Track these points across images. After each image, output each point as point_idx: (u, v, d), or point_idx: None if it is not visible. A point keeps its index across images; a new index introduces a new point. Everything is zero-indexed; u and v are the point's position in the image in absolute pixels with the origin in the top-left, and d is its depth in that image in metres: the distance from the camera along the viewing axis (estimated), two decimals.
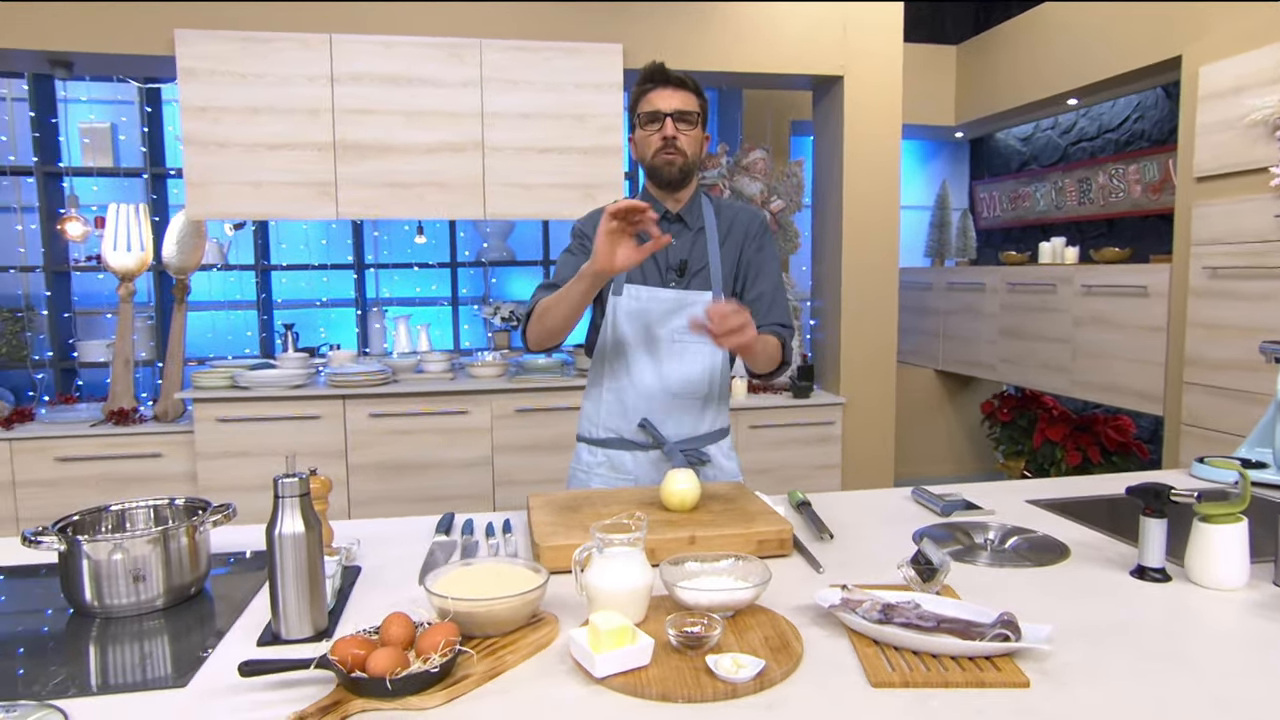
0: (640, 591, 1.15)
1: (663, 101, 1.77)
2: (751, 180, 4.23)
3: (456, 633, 1.03)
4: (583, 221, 1.91)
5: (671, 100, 1.77)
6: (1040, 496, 1.85)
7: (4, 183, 4.20)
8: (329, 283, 4.66)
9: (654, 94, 1.78)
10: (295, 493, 1.15)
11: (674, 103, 1.77)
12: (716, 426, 1.91)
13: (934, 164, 5.82)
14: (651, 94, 1.79)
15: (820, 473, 4.06)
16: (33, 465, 3.47)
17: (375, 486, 3.63)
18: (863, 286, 4.06)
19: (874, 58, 3.92)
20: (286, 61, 3.46)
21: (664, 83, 1.79)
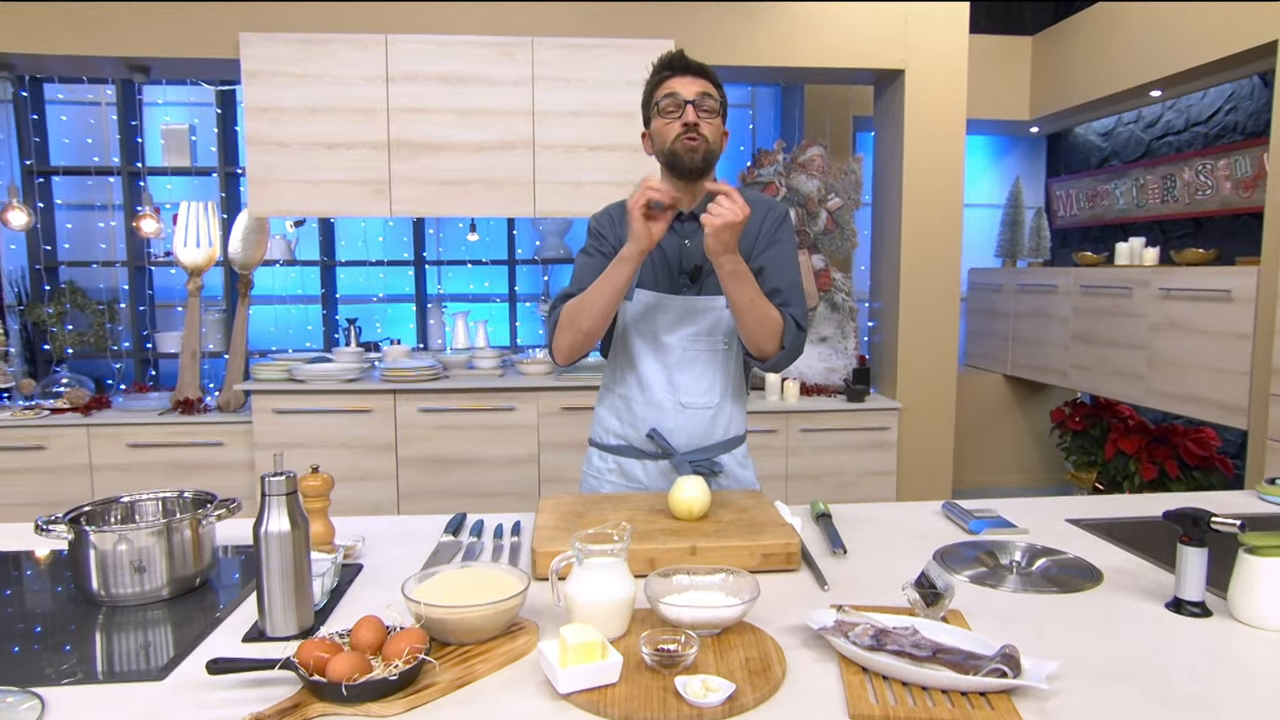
0: (620, 604, 1.11)
1: (683, 88, 1.70)
2: (808, 177, 4.13)
3: (424, 640, 1.01)
4: (598, 220, 1.86)
5: (692, 87, 1.70)
6: (1083, 516, 1.73)
7: (89, 182, 4.43)
8: (392, 279, 4.77)
9: (673, 81, 1.72)
10: (282, 491, 1.16)
11: (695, 89, 1.70)
12: (730, 435, 1.85)
13: (1008, 160, 5.57)
14: (670, 81, 1.72)
15: (873, 480, 3.93)
16: (107, 450, 3.65)
17: (423, 480, 3.69)
18: (923, 288, 3.91)
19: (937, 51, 3.76)
20: (344, 62, 3.55)
21: (683, 70, 1.72)
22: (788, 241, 1.84)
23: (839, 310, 4.18)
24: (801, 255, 4.16)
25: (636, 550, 1.37)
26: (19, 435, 3.62)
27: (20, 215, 3.83)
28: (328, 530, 1.41)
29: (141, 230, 3.86)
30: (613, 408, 1.88)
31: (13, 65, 3.82)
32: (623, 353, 1.83)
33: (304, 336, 4.73)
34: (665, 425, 1.80)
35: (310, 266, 4.60)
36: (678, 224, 1.81)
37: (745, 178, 4.21)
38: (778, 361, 1.77)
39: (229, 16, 3.55)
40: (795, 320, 1.76)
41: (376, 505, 3.67)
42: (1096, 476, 4.38)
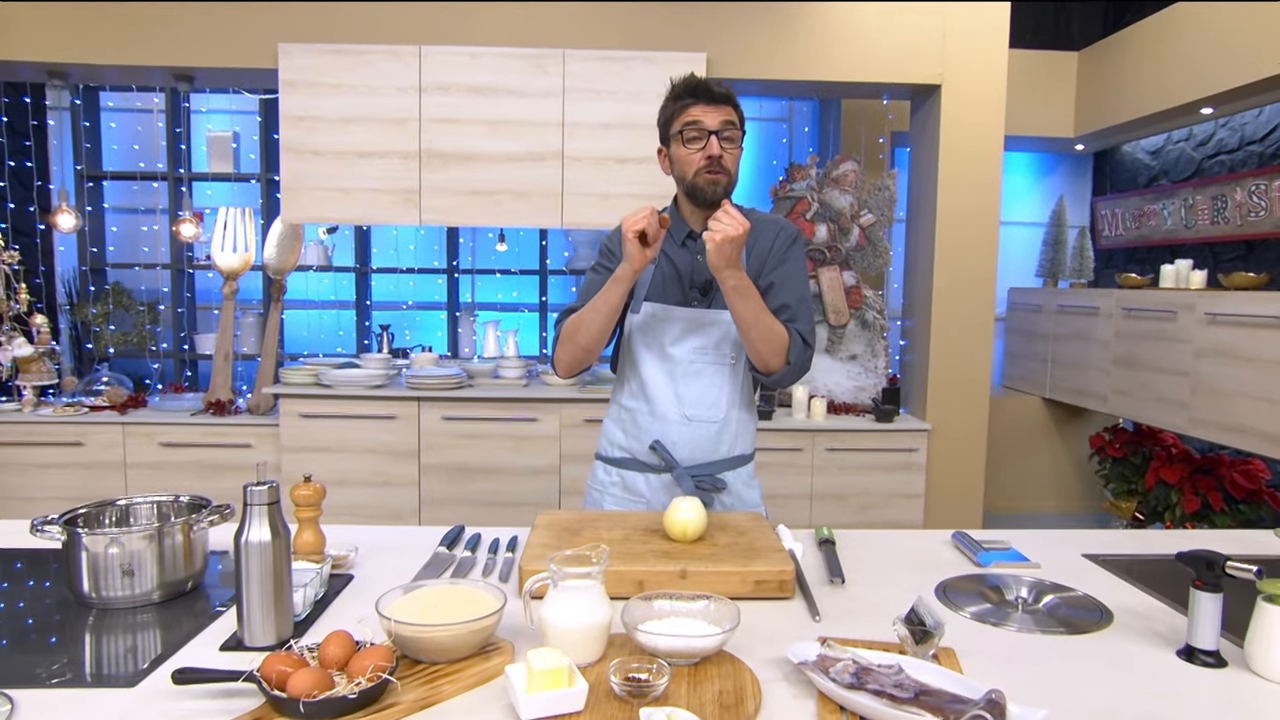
0: (594, 629, 1.08)
1: (707, 118, 1.67)
2: (841, 192, 4.07)
3: (389, 658, 1.00)
4: (610, 238, 1.86)
5: (715, 117, 1.67)
6: (1102, 551, 1.66)
7: (134, 187, 4.56)
8: (427, 287, 4.82)
9: (696, 109, 1.68)
10: (263, 501, 1.16)
11: (719, 118, 1.67)
12: (736, 453, 1.82)
13: (1052, 178, 5.44)
14: (693, 109, 1.69)
15: (901, 502, 3.84)
16: (141, 448, 3.74)
17: (445, 488, 3.70)
18: (956, 307, 3.82)
19: (975, 66, 3.69)
20: (379, 73, 3.60)
21: (707, 98, 1.69)
22: (797, 260, 1.82)
23: (870, 328, 4.10)
24: (832, 272, 4.10)
25: (625, 572, 1.35)
26: (59, 431, 3.73)
27: (69, 218, 3.96)
28: (318, 540, 1.41)
29: (181, 234, 3.95)
30: (618, 420, 1.86)
31: (68, 74, 3.95)
32: (629, 364, 1.82)
33: (339, 342, 4.79)
34: (670, 438, 1.77)
35: (345, 273, 4.67)
36: (691, 241, 1.79)
37: (777, 192, 4.17)
38: (783, 377, 1.75)
39: (269, 27, 3.63)
40: (802, 336, 1.74)
41: (398, 512, 3.69)
42: (1136, 506, 4.22)
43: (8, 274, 3.87)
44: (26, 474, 3.73)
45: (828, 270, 4.10)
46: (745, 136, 1.76)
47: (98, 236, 4.51)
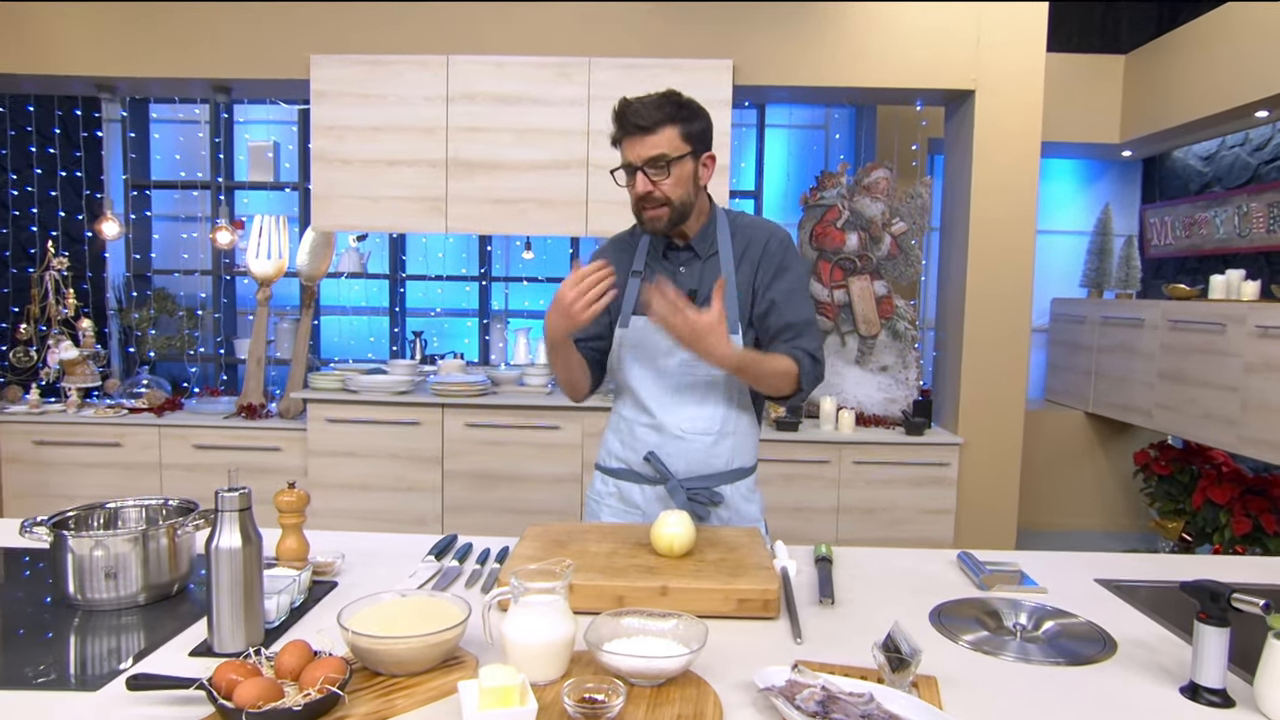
0: (555, 646, 1.06)
1: (631, 152, 1.61)
2: (873, 200, 3.99)
3: (342, 670, 0.99)
4: (600, 251, 1.84)
5: (639, 149, 1.59)
6: (1116, 576, 1.57)
7: (176, 195, 4.69)
8: (460, 294, 4.87)
9: (625, 143, 1.63)
10: (235, 507, 1.16)
11: (643, 151, 1.59)
12: (733, 466, 1.78)
13: (1098, 185, 5.26)
14: (623, 143, 1.63)
15: (930, 518, 3.74)
16: (176, 450, 3.83)
17: (468, 495, 3.72)
18: (990, 318, 3.71)
19: (1011, 70, 3.58)
20: (407, 83, 3.64)
21: (627, 130, 1.61)
22: (795, 268, 1.77)
23: (901, 339, 4.01)
24: (863, 281, 4.02)
25: (605, 586, 1.32)
26: (99, 432, 3.84)
27: (112, 226, 4.09)
28: (301, 546, 1.41)
29: (217, 242, 4.05)
30: (616, 430, 1.84)
31: (115, 88, 4.09)
32: (625, 376, 1.79)
33: (375, 349, 4.86)
34: (665, 450, 1.74)
35: (381, 279, 4.74)
36: (672, 253, 1.76)
37: (807, 200, 4.11)
38: (796, 399, 1.75)
39: (303, 39, 3.71)
40: (810, 355, 1.71)
41: (421, 518, 3.72)
42: (1183, 527, 4.04)
43: (57, 280, 4.01)
44: (68, 472, 3.85)
45: (858, 280, 4.02)
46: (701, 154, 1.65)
47: (144, 244, 4.65)
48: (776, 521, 3.71)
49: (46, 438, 3.86)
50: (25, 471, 3.87)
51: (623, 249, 1.83)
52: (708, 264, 1.74)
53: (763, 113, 4.73)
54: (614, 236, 1.88)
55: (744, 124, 4.84)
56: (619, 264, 1.80)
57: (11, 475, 3.89)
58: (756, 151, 4.78)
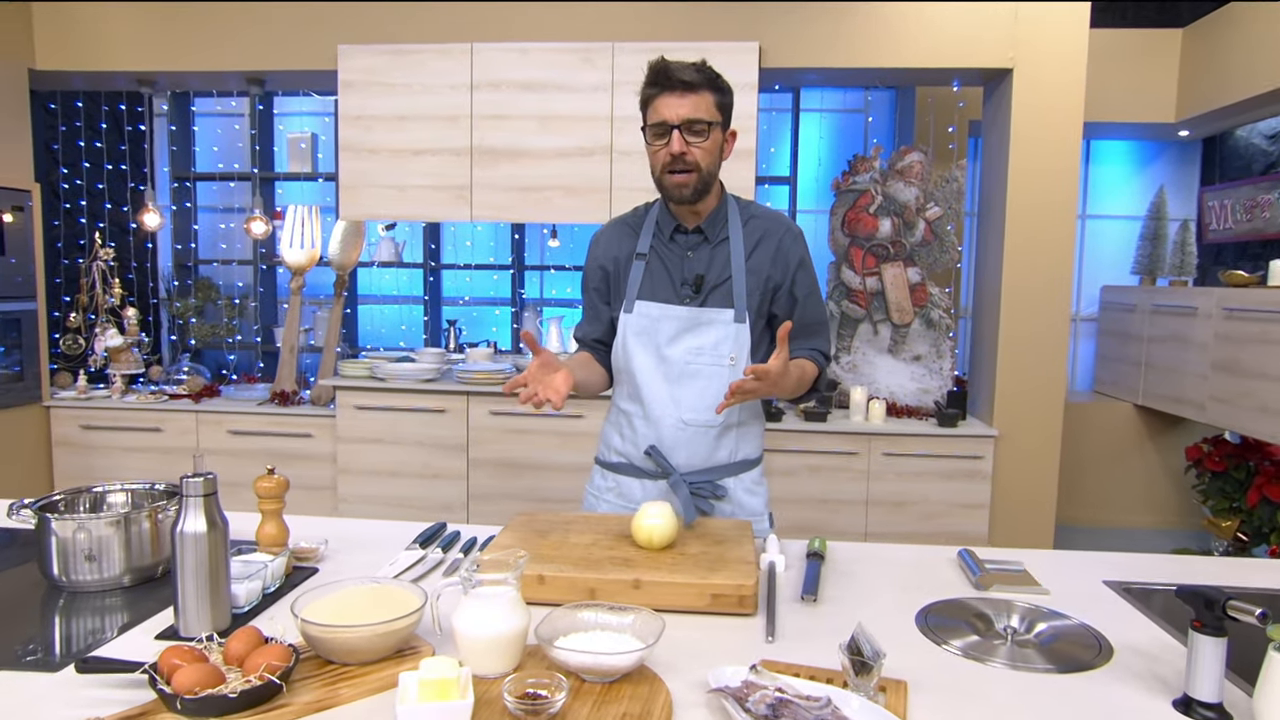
0: (505, 639, 1.03)
1: (669, 110, 1.54)
2: (906, 185, 3.87)
3: (286, 657, 0.98)
4: (594, 250, 1.80)
5: (679, 108, 1.54)
6: (1127, 578, 1.49)
7: (214, 186, 4.80)
8: (496, 282, 4.89)
9: (659, 101, 1.56)
10: (199, 492, 1.16)
11: (682, 110, 1.54)
12: (737, 458, 1.73)
13: (1153, 168, 5.02)
14: (657, 101, 1.57)
15: (964, 512, 3.63)
16: (213, 435, 3.93)
17: (492, 482, 3.73)
18: (1027, 306, 3.57)
19: (1050, 48, 3.43)
20: (432, 72, 3.65)
21: (671, 87, 1.55)
22: (809, 267, 1.75)
23: (935, 327, 3.89)
24: (896, 268, 3.91)
25: (577, 579, 1.29)
26: (141, 417, 3.96)
27: (154, 217, 4.20)
28: (281, 532, 1.42)
29: (251, 232, 4.13)
30: (616, 423, 1.81)
31: (156, 82, 4.19)
32: (625, 366, 1.76)
33: (409, 337, 4.92)
34: (665, 443, 1.70)
35: (416, 269, 4.79)
36: (680, 236, 1.72)
37: (839, 185, 4.01)
38: (808, 397, 1.75)
39: (331, 30, 3.74)
40: (825, 355, 1.75)
41: (447, 505, 3.75)
42: (1238, 526, 3.84)
43: (104, 270, 4.14)
44: (112, 456, 3.98)
45: (891, 266, 3.91)
46: (727, 129, 1.64)
47: (190, 234, 4.77)
48: (803, 514, 3.66)
49: (93, 422, 4.00)
50: (73, 454, 4.02)
51: (624, 233, 1.79)
52: (717, 249, 1.70)
53: (797, 97, 4.63)
54: (614, 219, 1.85)
55: (778, 108, 4.75)
56: (620, 248, 1.77)
57: (61, 458, 4.04)
58: (791, 136, 4.68)
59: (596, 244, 1.81)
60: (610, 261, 1.77)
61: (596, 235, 1.83)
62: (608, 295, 1.79)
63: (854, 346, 4.00)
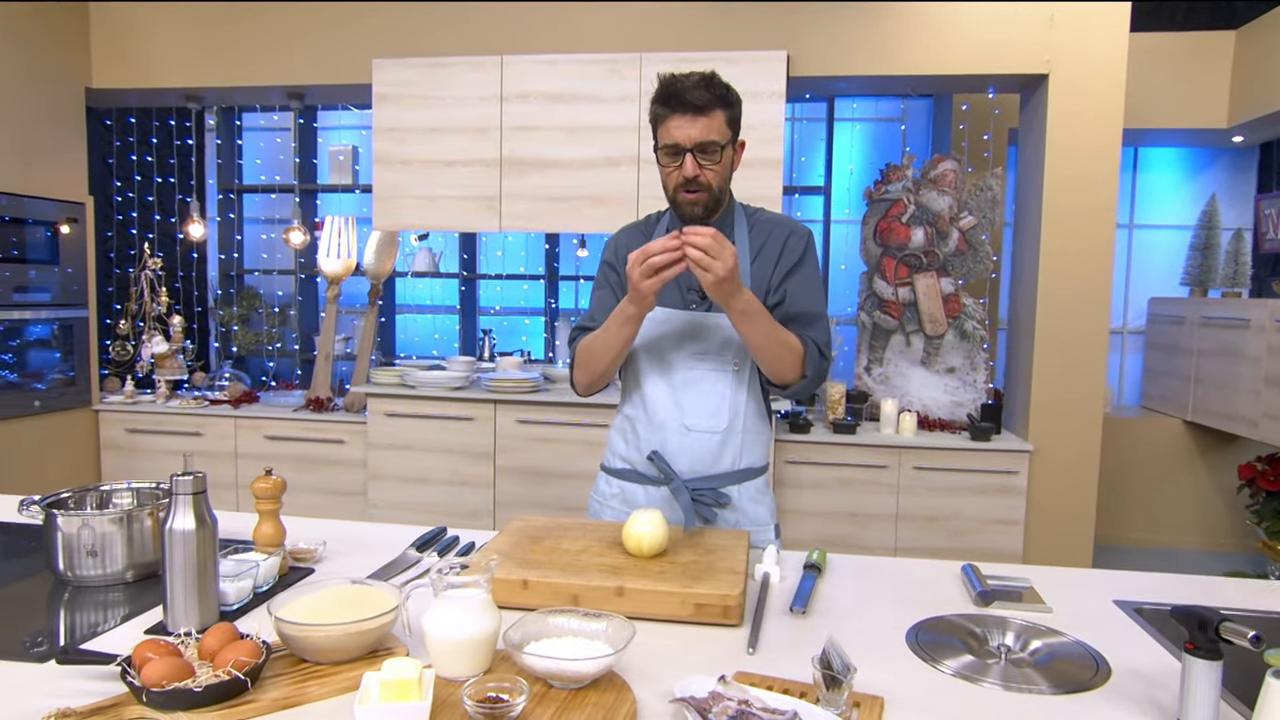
0: (474, 642, 1.03)
1: (681, 132, 1.54)
2: (939, 194, 3.80)
3: (256, 654, 0.99)
4: (609, 247, 1.81)
5: (691, 130, 1.53)
6: (1139, 598, 1.42)
7: (258, 199, 4.94)
8: (530, 292, 4.94)
9: (671, 122, 1.55)
10: (188, 490, 1.19)
11: (694, 133, 1.53)
12: (741, 465, 1.71)
13: (1206, 175, 4.85)
14: (669, 122, 1.56)
15: (997, 529, 3.53)
16: (250, 440, 4.03)
17: (519, 490, 3.75)
18: (1064, 317, 3.47)
19: (1088, 51, 3.34)
20: (463, 84, 3.71)
21: (679, 108, 1.54)
22: (811, 264, 1.71)
23: (969, 339, 3.80)
24: (929, 278, 3.83)
25: (561, 585, 1.29)
26: (182, 421, 4.09)
27: (198, 228, 4.35)
28: (277, 532, 1.44)
29: (290, 242, 4.24)
30: (620, 429, 1.81)
31: (203, 97, 4.34)
32: (630, 371, 1.76)
33: (445, 346, 4.99)
34: (668, 448, 1.69)
35: (452, 279, 4.86)
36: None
37: (871, 194, 3.96)
38: (800, 389, 1.68)
39: (367, 45, 3.84)
40: (818, 346, 1.65)
41: (474, 512, 3.78)
42: None
43: (152, 279, 4.29)
44: (155, 459, 4.11)
45: (924, 277, 3.84)
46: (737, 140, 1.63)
47: (237, 245, 4.92)
48: (832, 527, 3.60)
49: (138, 425, 4.13)
50: (120, 457, 4.16)
51: (636, 238, 1.80)
52: None
53: (832, 106, 4.59)
54: (628, 225, 1.85)
55: (811, 118, 4.71)
56: (631, 251, 1.77)
57: (108, 460, 4.19)
58: (826, 146, 4.64)
59: (610, 247, 1.81)
60: (622, 264, 1.76)
61: (611, 238, 1.83)
62: (618, 295, 1.78)
63: (886, 358, 3.93)
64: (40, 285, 3.93)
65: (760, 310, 1.54)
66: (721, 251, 1.41)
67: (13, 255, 3.77)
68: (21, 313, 3.83)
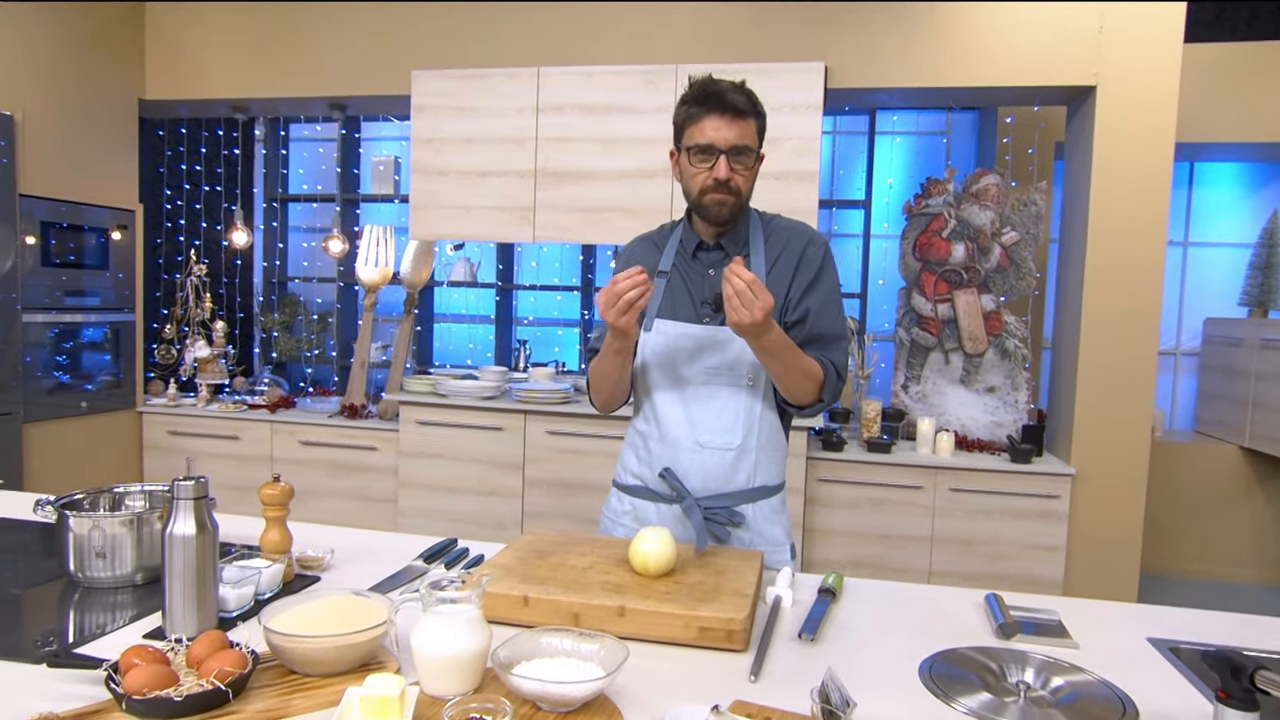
0: (462, 660, 1.00)
1: (718, 134, 1.51)
2: (981, 208, 3.70)
3: (241, 664, 0.98)
4: (619, 265, 1.78)
5: (729, 133, 1.51)
6: (1176, 637, 1.34)
7: (301, 208, 5.03)
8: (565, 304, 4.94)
9: (706, 122, 1.53)
10: (189, 495, 1.19)
11: (731, 135, 1.51)
12: (755, 483, 1.66)
13: (1268, 191, 4.65)
14: (704, 122, 1.53)
15: (1037, 555, 3.40)
16: (285, 445, 4.09)
17: (547, 501, 3.74)
18: (1110, 337, 3.34)
19: (1138, 63, 3.23)
20: (500, 95, 3.73)
21: (722, 110, 1.51)
22: (831, 278, 1.67)
23: (1010, 358, 3.69)
24: (969, 295, 3.73)
25: (562, 602, 1.26)
26: (221, 425, 4.16)
27: (242, 235, 4.44)
28: (283, 539, 1.43)
29: (329, 251, 4.31)
30: (632, 444, 1.77)
31: (248, 108, 4.45)
32: (642, 385, 1.73)
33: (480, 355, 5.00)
34: (681, 465, 1.65)
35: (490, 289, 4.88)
36: (702, 254, 1.68)
37: (911, 209, 3.87)
38: (814, 411, 1.66)
39: (407, 56, 3.89)
40: (836, 369, 1.63)
41: (501, 522, 3.77)
42: None
43: (197, 284, 4.40)
44: (196, 462, 4.18)
45: (964, 293, 3.74)
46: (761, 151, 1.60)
47: (281, 253, 5.02)
48: (865, 549, 3.51)
49: (179, 428, 4.22)
50: (162, 458, 4.26)
51: (649, 249, 1.77)
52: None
53: (873, 119, 4.51)
54: (640, 236, 1.82)
55: (852, 131, 4.64)
56: (644, 263, 1.75)
57: (150, 460, 4.28)
58: (866, 159, 4.56)
59: (623, 258, 1.80)
60: None
61: (623, 250, 1.81)
62: None
63: (924, 376, 3.84)
64: (92, 290, 4.05)
65: (784, 344, 1.51)
66: (754, 301, 1.38)
67: (69, 261, 3.89)
68: (73, 315, 3.95)
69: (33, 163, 3.68)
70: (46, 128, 3.74)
